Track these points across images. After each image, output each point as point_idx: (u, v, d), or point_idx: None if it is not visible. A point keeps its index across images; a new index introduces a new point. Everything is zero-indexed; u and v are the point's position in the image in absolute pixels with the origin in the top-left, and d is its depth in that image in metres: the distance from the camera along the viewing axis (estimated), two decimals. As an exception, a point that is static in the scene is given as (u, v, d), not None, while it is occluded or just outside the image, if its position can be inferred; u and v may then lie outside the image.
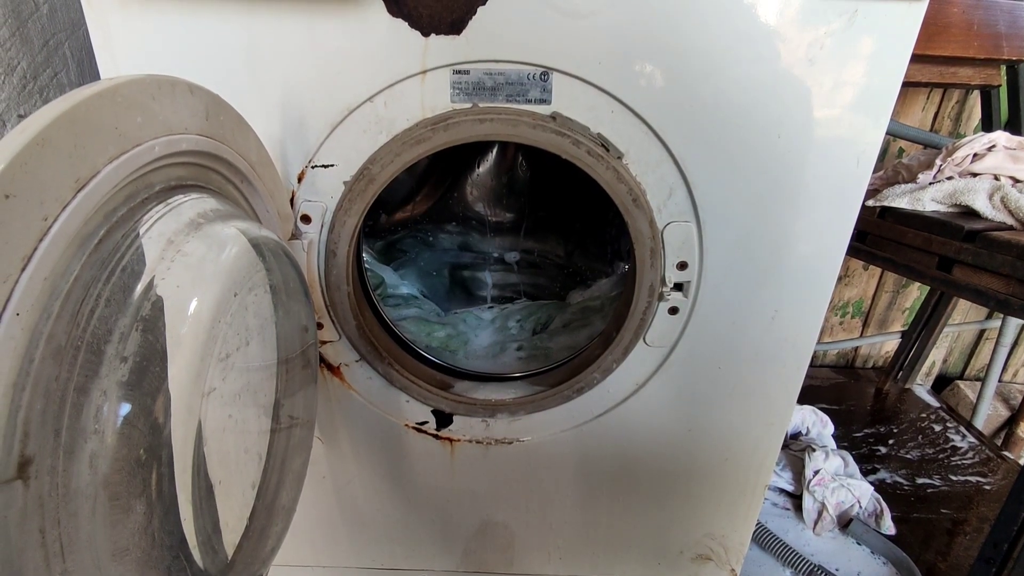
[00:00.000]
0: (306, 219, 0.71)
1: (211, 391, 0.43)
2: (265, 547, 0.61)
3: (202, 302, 0.40)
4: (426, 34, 0.62)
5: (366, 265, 0.91)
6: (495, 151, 1.25)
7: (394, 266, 1.21)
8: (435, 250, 1.27)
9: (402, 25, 0.62)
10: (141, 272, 0.39)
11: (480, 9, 0.61)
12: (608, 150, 0.68)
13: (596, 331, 0.96)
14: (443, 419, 0.87)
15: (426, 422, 0.87)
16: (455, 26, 0.62)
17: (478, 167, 1.25)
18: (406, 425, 0.87)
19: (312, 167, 0.69)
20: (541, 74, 0.65)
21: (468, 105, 0.67)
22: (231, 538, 0.52)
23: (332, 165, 0.69)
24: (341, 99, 0.65)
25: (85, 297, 0.36)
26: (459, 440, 0.88)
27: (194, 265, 0.41)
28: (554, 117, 0.67)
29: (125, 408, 0.37)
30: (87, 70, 0.87)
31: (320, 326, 0.77)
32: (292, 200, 0.70)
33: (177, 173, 0.47)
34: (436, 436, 0.88)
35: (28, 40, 0.76)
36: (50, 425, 0.34)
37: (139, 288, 0.38)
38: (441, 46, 0.63)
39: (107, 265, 0.37)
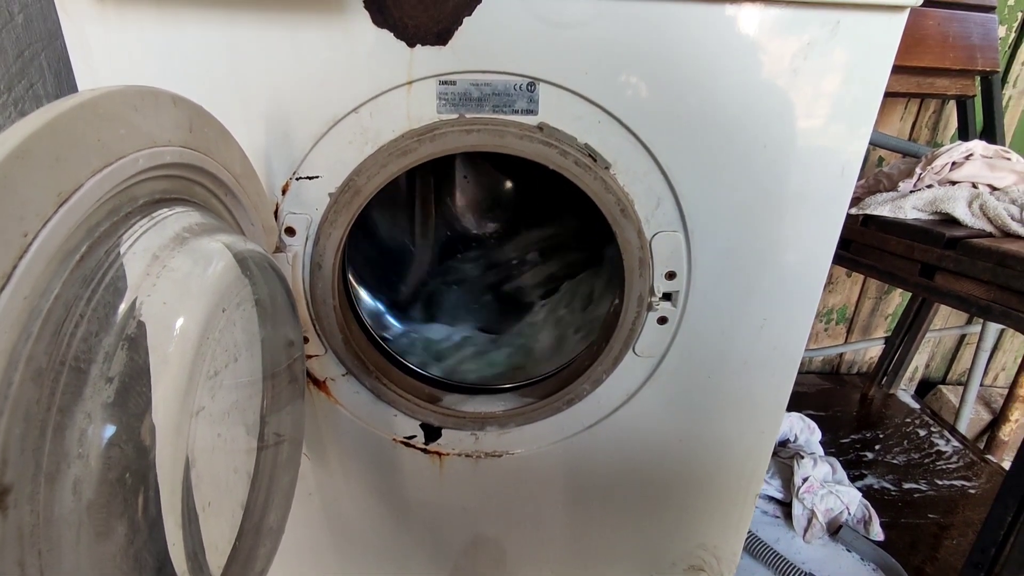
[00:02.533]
0: (291, 232, 0.70)
1: (200, 410, 0.42)
2: (254, 569, 0.59)
3: (189, 319, 0.39)
4: (412, 45, 0.62)
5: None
6: (485, 164, 1.24)
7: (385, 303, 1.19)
8: (421, 270, 1.25)
9: (387, 36, 0.61)
10: (125, 289, 0.38)
11: (466, 19, 0.61)
12: (596, 160, 0.68)
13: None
14: (431, 433, 0.86)
15: (414, 436, 0.86)
16: (441, 36, 0.62)
17: (463, 178, 1.25)
18: (394, 439, 0.85)
19: (297, 179, 0.68)
20: (528, 85, 0.65)
21: (454, 116, 0.66)
22: (219, 561, 0.50)
23: (317, 177, 0.68)
24: (326, 110, 0.65)
25: (67, 316, 0.34)
26: (448, 454, 0.87)
27: (180, 281, 0.40)
28: (541, 128, 0.67)
29: (111, 430, 0.35)
30: (65, 81, 0.85)
31: (306, 340, 0.76)
32: (276, 212, 0.69)
33: (161, 186, 0.46)
34: (424, 450, 0.87)
35: (2, 51, 0.74)
36: (30, 451, 0.32)
37: (124, 306, 0.37)
38: (427, 57, 0.63)
39: (90, 282, 0.36)
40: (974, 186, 1.08)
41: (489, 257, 1.28)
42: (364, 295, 1.09)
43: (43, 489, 0.33)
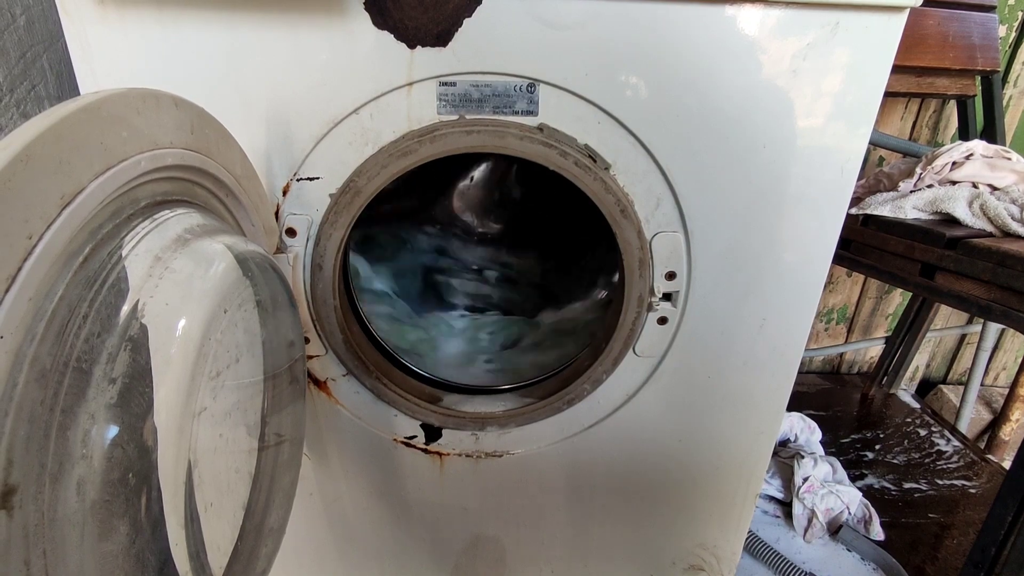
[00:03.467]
0: (291, 232, 0.70)
1: (202, 411, 0.42)
2: (255, 569, 0.60)
3: (191, 320, 0.39)
4: (412, 46, 0.62)
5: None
6: (485, 165, 1.25)
7: (368, 259, 1.19)
8: (413, 251, 1.26)
9: (388, 37, 0.62)
10: (128, 291, 0.38)
11: (466, 21, 0.61)
12: (595, 161, 0.68)
13: (567, 353, 0.95)
14: (432, 433, 0.86)
15: (415, 436, 0.86)
16: (441, 38, 0.62)
17: (469, 179, 1.25)
18: (395, 440, 0.86)
19: (297, 180, 0.68)
20: (528, 86, 0.65)
21: (455, 117, 0.66)
22: (221, 561, 0.50)
23: (317, 178, 0.68)
24: (326, 111, 0.65)
25: (71, 317, 0.35)
26: (448, 454, 0.87)
27: (182, 282, 0.40)
28: (541, 128, 0.67)
29: (114, 431, 0.35)
30: (66, 83, 0.85)
31: (307, 340, 0.76)
32: (277, 213, 0.69)
33: (163, 188, 0.46)
34: (425, 450, 0.87)
35: (4, 52, 0.74)
36: (35, 451, 0.33)
37: (126, 307, 0.37)
38: (427, 58, 0.63)
39: (93, 284, 0.36)
40: (974, 186, 1.08)
41: (491, 258, 1.29)
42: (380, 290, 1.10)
43: (47, 489, 0.33)
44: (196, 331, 0.40)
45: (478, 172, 1.25)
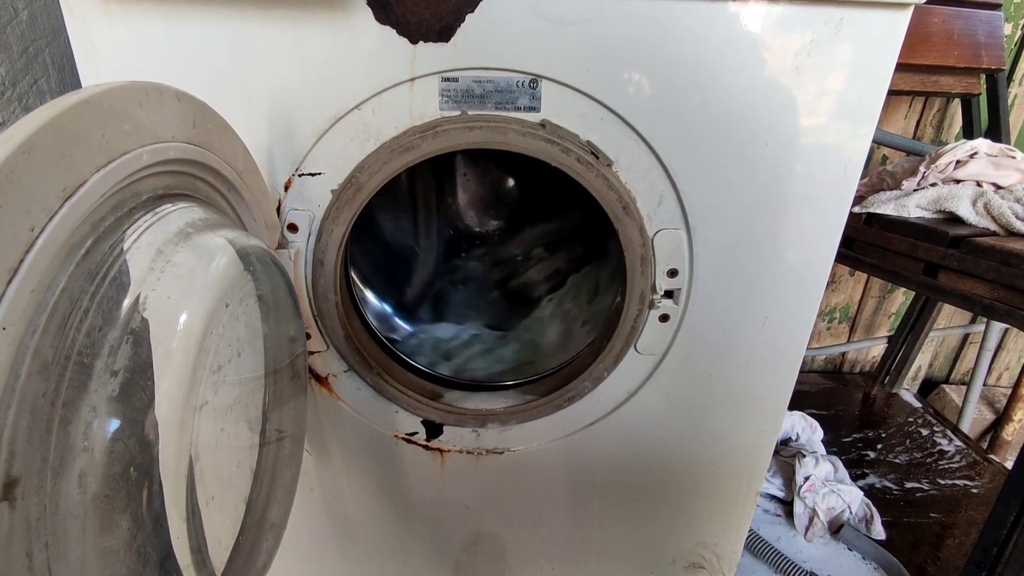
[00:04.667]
0: (293, 228, 0.70)
1: (203, 405, 0.42)
2: (256, 564, 0.60)
3: (193, 314, 0.39)
4: (414, 41, 0.62)
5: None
6: (486, 162, 1.24)
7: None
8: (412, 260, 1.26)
9: (390, 32, 0.62)
10: (129, 284, 0.38)
11: (468, 16, 0.61)
12: (598, 157, 0.68)
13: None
14: (433, 429, 0.86)
15: (416, 433, 0.86)
16: (443, 33, 0.62)
17: (464, 176, 1.25)
18: (396, 436, 0.86)
19: (299, 175, 0.68)
20: (530, 82, 0.65)
21: (457, 113, 0.66)
22: (222, 555, 0.50)
23: (319, 173, 0.68)
24: (328, 106, 0.65)
25: (72, 310, 0.35)
26: (449, 451, 0.87)
27: (184, 276, 0.40)
28: (543, 125, 0.67)
29: (115, 424, 0.36)
30: (68, 77, 0.85)
31: (308, 336, 0.76)
32: (279, 209, 0.69)
33: (164, 182, 0.46)
34: (426, 447, 0.87)
35: (7, 46, 0.75)
36: (37, 444, 0.33)
37: (128, 301, 0.37)
38: (429, 53, 0.63)
39: (95, 277, 0.36)
40: (978, 184, 1.08)
41: (494, 254, 1.28)
42: (371, 297, 1.10)
43: (49, 482, 0.34)
44: (198, 325, 0.40)
45: (479, 169, 1.25)
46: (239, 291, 0.47)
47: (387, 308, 1.12)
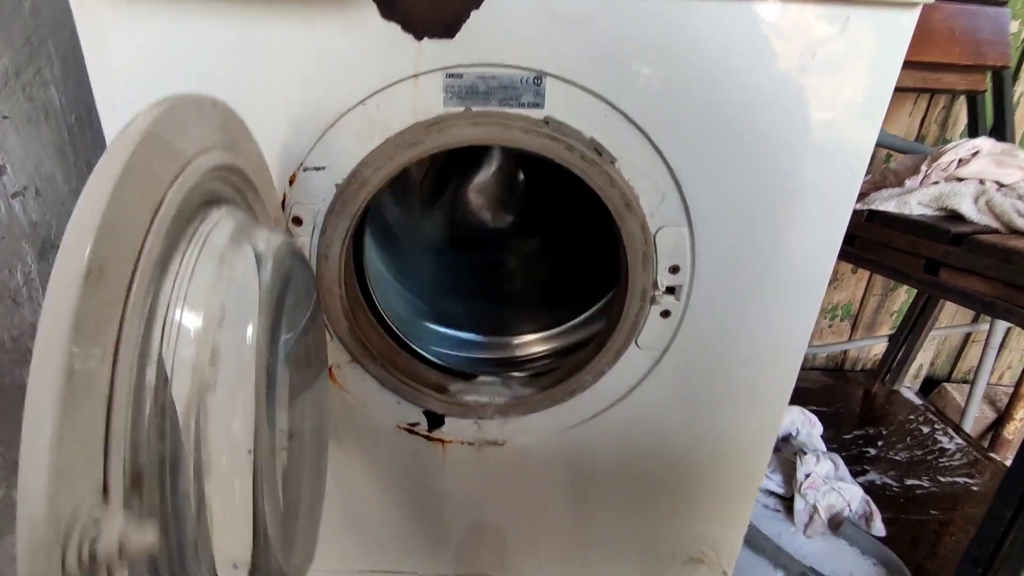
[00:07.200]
0: (297, 221, 0.71)
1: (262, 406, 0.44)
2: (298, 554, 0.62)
3: (259, 325, 0.43)
4: (419, 37, 0.62)
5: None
6: (488, 159, 1.24)
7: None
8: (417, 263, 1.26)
9: (395, 28, 0.62)
10: (202, 298, 0.41)
11: (473, 13, 0.62)
12: (601, 155, 0.68)
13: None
14: (434, 420, 0.87)
15: (417, 423, 0.86)
16: (448, 29, 0.62)
17: (469, 175, 1.25)
18: (398, 427, 0.86)
19: (304, 170, 0.68)
20: (534, 78, 0.65)
21: (461, 109, 0.67)
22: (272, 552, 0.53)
23: (324, 168, 0.68)
24: (333, 102, 0.65)
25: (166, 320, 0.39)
26: (451, 441, 0.88)
27: (246, 285, 0.44)
28: (547, 121, 0.67)
29: (215, 425, 0.39)
30: (72, 67, 0.86)
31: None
32: (283, 202, 0.70)
33: (208, 187, 0.48)
34: (428, 437, 0.88)
35: (11, 37, 0.75)
36: (153, 439, 0.36)
37: (205, 312, 0.40)
38: (434, 49, 0.63)
39: (175, 284, 0.40)
40: (981, 182, 1.07)
41: (501, 249, 1.28)
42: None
43: (168, 474, 0.38)
44: (263, 337, 0.43)
45: (481, 167, 1.25)
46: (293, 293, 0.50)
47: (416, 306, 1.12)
